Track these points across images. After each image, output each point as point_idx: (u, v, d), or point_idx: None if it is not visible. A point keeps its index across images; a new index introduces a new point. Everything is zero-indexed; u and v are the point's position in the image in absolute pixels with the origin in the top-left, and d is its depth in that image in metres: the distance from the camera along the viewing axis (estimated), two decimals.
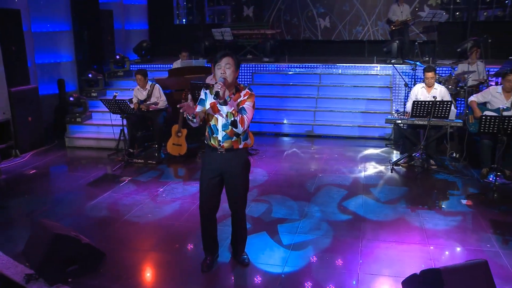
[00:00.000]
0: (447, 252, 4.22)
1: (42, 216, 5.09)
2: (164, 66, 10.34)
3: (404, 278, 3.42)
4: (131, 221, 4.97)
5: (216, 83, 3.52)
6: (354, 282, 3.72)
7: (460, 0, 11.09)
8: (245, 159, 3.79)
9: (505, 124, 5.32)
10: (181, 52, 9.14)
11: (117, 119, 7.17)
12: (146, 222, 4.96)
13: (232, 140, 3.68)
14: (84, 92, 9.20)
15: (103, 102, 6.94)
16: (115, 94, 6.90)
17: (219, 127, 3.67)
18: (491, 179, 5.87)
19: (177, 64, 9.13)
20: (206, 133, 3.80)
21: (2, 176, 6.52)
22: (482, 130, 5.50)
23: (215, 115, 3.65)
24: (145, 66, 10.39)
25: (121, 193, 5.80)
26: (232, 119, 3.55)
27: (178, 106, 3.54)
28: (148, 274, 3.94)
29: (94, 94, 9.18)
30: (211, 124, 3.71)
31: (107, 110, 7.15)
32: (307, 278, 3.81)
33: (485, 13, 10.98)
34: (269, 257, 4.14)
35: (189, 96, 3.97)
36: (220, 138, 3.68)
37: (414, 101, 6.22)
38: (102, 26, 10.09)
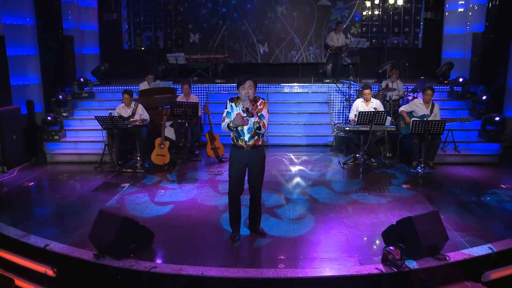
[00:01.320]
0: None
1: (71, 216, 5.91)
2: (123, 87, 11.12)
3: (382, 231, 4.92)
4: (153, 214, 5.96)
5: (244, 101, 4.78)
6: (347, 239, 5.14)
7: (376, 29, 13.31)
8: (263, 153, 5.08)
9: (429, 126, 7.16)
10: (147, 75, 10.15)
11: (96, 136, 8.09)
12: (167, 213, 5.99)
13: (255, 139, 4.95)
14: (55, 112, 9.77)
15: (98, 119, 7.77)
16: (110, 111, 7.79)
17: (245, 131, 4.93)
18: (419, 169, 7.68)
19: (144, 86, 10.11)
20: (233, 136, 5.03)
21: (4, 189, 7.08)
22: (413, 132, 7.31)
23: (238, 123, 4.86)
24: (105, 87, 11.18)
25: (130, 195, 6.73)
26: (257, 125, 4.83)
27: (233, 124, 4.74)
28: (189, 248, 5.01)
29: (64, 114, 9.82)
30: (238, 129, 4.95)
31: (80, 128, 7.99)
32: (312, 238, 5.16)
33: (395, 41, 13.29)
34: (278, 229, 5.42)
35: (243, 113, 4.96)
36: (246, 139, 4.93)
37: (359, 112, 7.89)
38: (65, 50, 10.73)
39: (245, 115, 4.83)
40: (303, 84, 11.37)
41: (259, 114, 4.91)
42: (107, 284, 4.66)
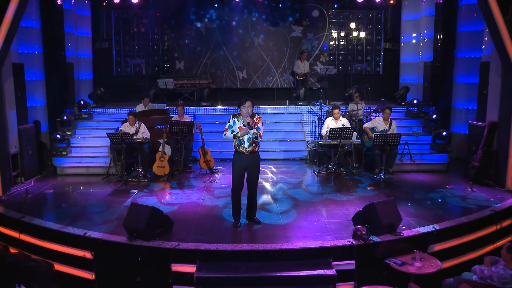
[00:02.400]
0: None
1: (95, 214, 7.10)
2: (117, 110, 12.37)
3: (352, 216, 6.36)
4: (164, 211, 7.19)
5: (246, 117, 6.19)
6: (325, 224, 6.54)
7: (342, 57, 15.07)
8: (259, 157, 6.48)
9: (387, 139, 8.75)
10: (143, 98, 11.42)
11: (99, 151, 9.38)
12: (176, 210, 7.26)
13: (253, 146, 6.35)
14: (60, 131, 10.86)
15: (109, 135, 8.99)
16: (120, 128, 9.03)
17: (245, 140, 6.32)
18: (381, 176, 9.22)
19: (140, 108, 11.36)
20: (235, 144, 6.40)
21: (29, 195, 8.16)
22: (374, 144, 8.87)
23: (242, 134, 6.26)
24: (101, 110, 12.37)
25: (141, 198, 7.95)
26: (255, 136, 6.24)
27: (240, 135, 6.14)
28: (202, 233, 6.29)
29: (68, 133, 10.93)
30: (240, 139, 6.33)
31: (83, 145, 9.20)
32: (297, 224, 6.55)
33: (359, 68, 15.08)
34: (270, 219, 6.79)
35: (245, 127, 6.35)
36: (246, 146, 6.32)
37: (330, 128, 9.41)
38: (67, 76, 11.92)
39: (245, 127, 6.23)
40: (279, 106, 12.87)
41: (256, 127, 6.32)
42: (136, 262, 5.87)
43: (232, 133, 6.33)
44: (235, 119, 6.42)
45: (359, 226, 5.92)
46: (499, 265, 5.07)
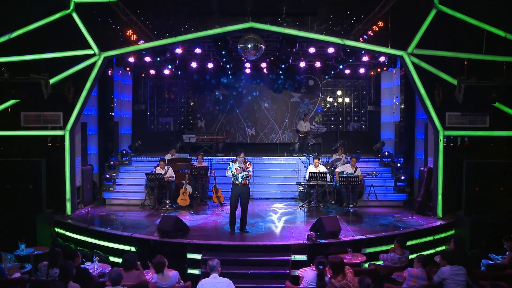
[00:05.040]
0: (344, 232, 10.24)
1: (138, 226, 10.31)
2: (151, 158, 15.77)
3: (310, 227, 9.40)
4: (190, 226, 10.34)
5: (240, 162, 9.43)
6: (292, 234, 9.54)
7: (333, 118, 18.39)
8: (249, 188, 9.66)
9: (350, 179, 11.82)
10: (171, 150, 14.81)
11: (136, 189, 12.66)
12: (192, 225, 10.37)
13: (244, 180, 9.54)
14: (107, 173, 14.25)
15: (146, 175, 12.33)
16: (154, 170, 12.38)
17: (239, 176, 9.52)
18: (349, 208, 12.18)
19: (168, 157, 14.71)
20: (233, 179, 9.60)
21: (89, 215, 11.43)
22: (340, 183, 11.94)
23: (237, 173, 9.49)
24: (138, 158, 15.80)
25: None
26: (246, 175, 9.45)
27: (236, 174, 9.41)
28: (209, 236, 9.37)
29: (114, 174, 14.33)
30: (236, 175, 9.53)
31: (125, 184, 12.56)
32: (274, 234, 9.59)
33: (355, 126, 18.33)
34: (256, 231, 9.85)
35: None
36: (240, 180, 9.52)
37: (310, 173, 12.52)
38: (113, 131, 15.52)
39: (240, 169, 9.47)
40: (280, 157, 16.07)
41: (247, 170, 9.53)
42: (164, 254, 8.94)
43: (231, 172, 9.56)
44: (233, 163, 9.67)
45: (311, 233, 8.94)
46: (392, 252, 7.99)
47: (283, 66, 15.66)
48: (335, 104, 18.56)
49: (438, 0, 11.11)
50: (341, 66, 15.69)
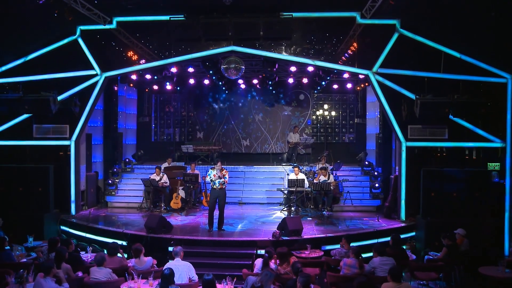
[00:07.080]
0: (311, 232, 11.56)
1: (132, 224, 11.80)
2: (152, 166, 17.24)
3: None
4: (177, 224, 11.78)
5: (217, 170, 10.88)
6: (264, 232, 10.90)
7: (323, 130, 19.72)
8: (225, 192, 11.08)
9: (322, 185, 13.14)
10: (168, 159, 16.33)
11: (136, 194, 14.14)
12: (179, 224, 11.80)
13: (221, 185, 10.96)
14: (111, 179, 15.81)
15: (142, 180, 13.85)
16: (150, 177, 13.90)
17: (216, 181, 10.96)
18: (323, 212, 13.46)
19: (165, 165, 16.24)
20: (211, 184, 11.03)
21: (91, 215, 12.98)
22: (315, 189, 13.26)
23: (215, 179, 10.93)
24: (140, 166, 17.35)
25: None
26: (223, 181, 10.88)
27: (213, 180, 10.86)
28: (190, 232, 10.79)
29: (117, 180, 15.88)
30: (214, 180, 10.97)
31: (126, 189, 14.08)
32: (247, 231, 10.96)
33: (336, 138, 19.61)
34: (232, 229, 11.23)
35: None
36: (217, 185, 10.96)
37: (289, 179, 13.86)
38: (117, 142, 17.12)
39: (217, 175, 10.91)
40: (269, 166, 17.44)
41: (224, 177, 10.96)
42: (150, 247, 10.39)
43: (209, 178, 11.00)
44: (212, 170, 11.12)
45: (276, 230, 10.30)
46: (341, 247, 9.29)
47: (270, 82, 17.05)
48: (325, 117, 19.89)
49: (400, 24, 12.47)
50: (323, 83, 17.03)
